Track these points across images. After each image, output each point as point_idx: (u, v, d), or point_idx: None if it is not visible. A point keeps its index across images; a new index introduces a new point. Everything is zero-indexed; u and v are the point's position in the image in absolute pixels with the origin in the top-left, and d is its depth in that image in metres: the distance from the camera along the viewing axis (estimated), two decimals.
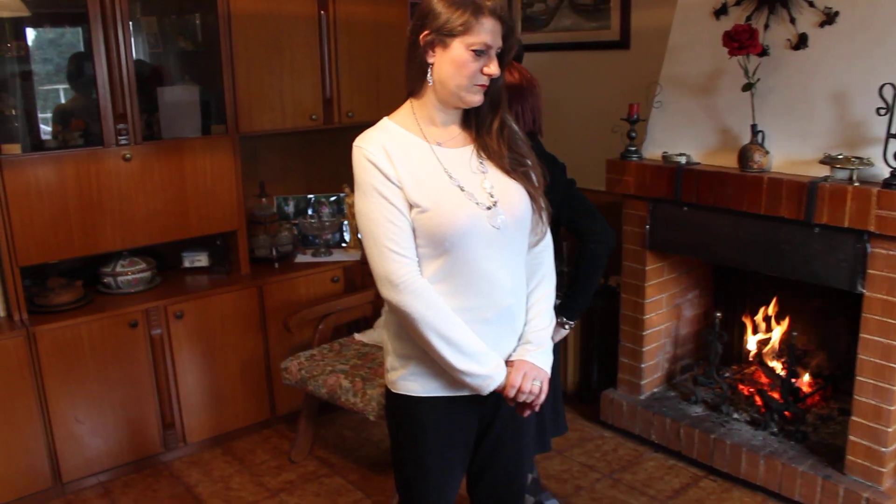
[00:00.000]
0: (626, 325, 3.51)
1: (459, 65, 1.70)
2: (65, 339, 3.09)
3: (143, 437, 3.35)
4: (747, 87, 2.89)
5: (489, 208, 1.75)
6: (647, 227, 3.32)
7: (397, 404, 1.88)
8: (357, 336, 3.56)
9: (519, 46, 2.38)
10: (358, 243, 3.94)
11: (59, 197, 3.11)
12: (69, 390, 3.12)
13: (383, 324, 1.94)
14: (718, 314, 3.33)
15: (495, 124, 1.81)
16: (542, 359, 1.83)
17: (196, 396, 3.45)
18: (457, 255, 1.73)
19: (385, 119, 1.83)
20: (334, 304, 3.63)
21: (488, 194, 1.76)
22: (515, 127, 1.87)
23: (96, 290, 3.43)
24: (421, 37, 1.73)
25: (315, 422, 3.54)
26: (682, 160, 3.14)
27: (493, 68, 1.72)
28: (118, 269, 3.40)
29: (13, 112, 3.12)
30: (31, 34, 3.33)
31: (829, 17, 2.80)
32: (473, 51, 1.69)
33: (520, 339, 1.86)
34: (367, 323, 3.74)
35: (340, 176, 4.05)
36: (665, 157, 3.20)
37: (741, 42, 2.82)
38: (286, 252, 3.91)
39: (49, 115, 3.37)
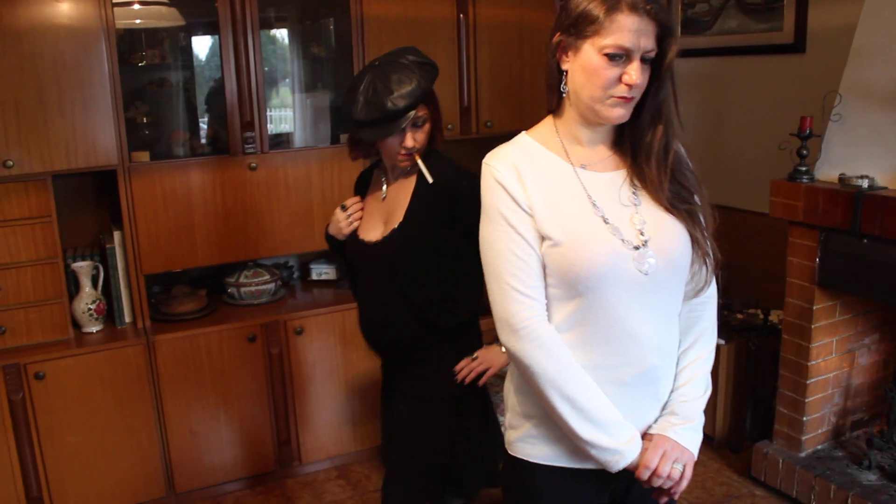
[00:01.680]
0: (787, 371, 3.07)
1: (590, 72, 1.40)
2: (182, 349, 3.03)
3: (257, 454, 3.26)
4: None
5: (637, 248, 1.43)
6: (817, 260, 2.88)
7: (512, 468, 1.61)
8: None
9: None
10: None
11: (185, 206, 3.07)
12: (185, 401, 3.07)
13: (507, 372, 1.67)
14: None
15: (655, 147, 1.47)
16: (687, 436, 1.49)
17: (314, 416, 3.32)
18: (592, 301, 1.43)
19: (522, 133, 1.55)
20: None
21: (638, 231, 1.45)
22: (683, 152, 1.52)
23: (221, 300, 3.37)
24: (554, 39, 1.45)
25: None
26: (864, 184, 2.69)
27: (634, 76, 1.38)
28: (242, 279, 3.33)
29: (144, 120, 3.10)
30: (178, 42, 3.30)
31: None
32: (606, 55, 1.38)
33: (664, 409, 1.53)
34: None
35: None
36: (842, 180, 2.77)
37: None
38: None
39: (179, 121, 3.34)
